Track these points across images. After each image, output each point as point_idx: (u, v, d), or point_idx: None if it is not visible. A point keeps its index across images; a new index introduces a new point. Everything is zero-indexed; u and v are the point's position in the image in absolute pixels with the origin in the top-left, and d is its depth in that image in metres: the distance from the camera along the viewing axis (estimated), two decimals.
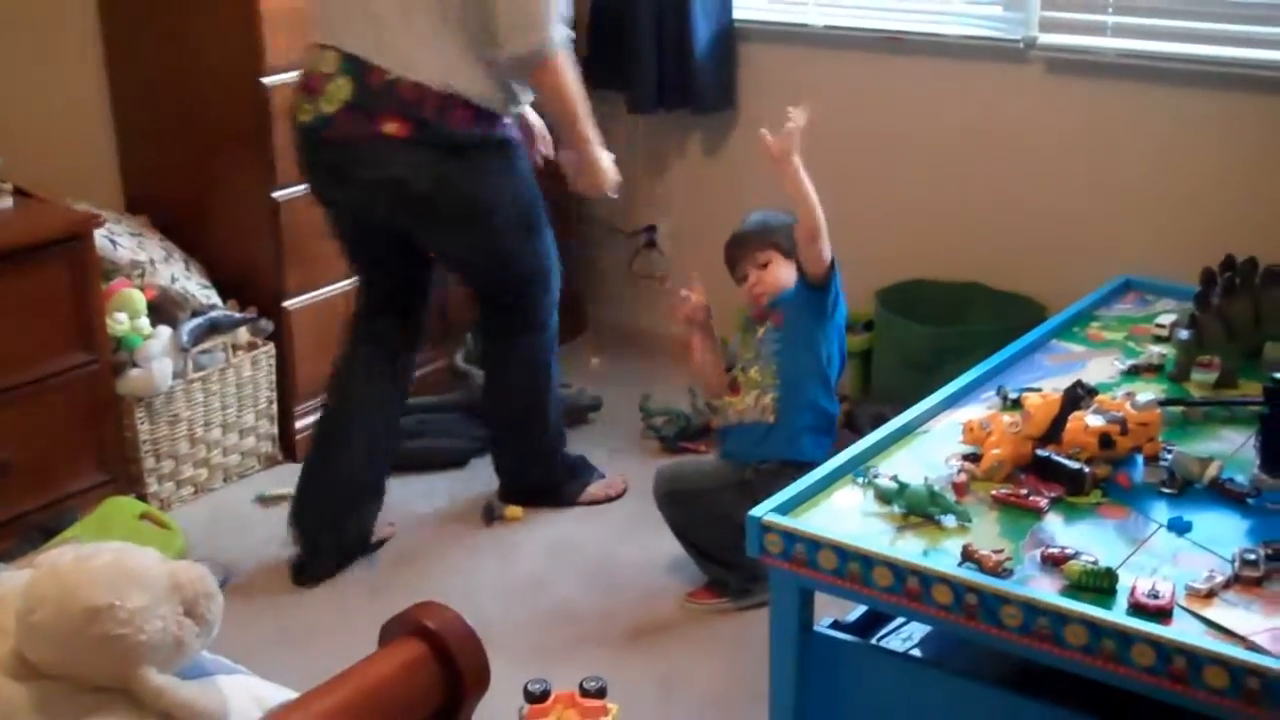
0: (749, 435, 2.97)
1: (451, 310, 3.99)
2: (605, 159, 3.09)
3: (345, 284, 3.70)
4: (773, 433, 2.93)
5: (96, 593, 1.64)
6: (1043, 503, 2.23)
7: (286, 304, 3.59)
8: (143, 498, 3.32)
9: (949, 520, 2.19)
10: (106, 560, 1.69)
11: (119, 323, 3.28)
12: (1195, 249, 3.01)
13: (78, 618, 1.62)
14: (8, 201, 3.19)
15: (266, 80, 3.41)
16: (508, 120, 3.04)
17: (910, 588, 2.06)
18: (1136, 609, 1.94)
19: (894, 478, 2.26)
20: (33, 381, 3.11)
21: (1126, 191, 3.57)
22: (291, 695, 1.71)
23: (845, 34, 3.87)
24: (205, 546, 3.19)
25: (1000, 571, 2.04)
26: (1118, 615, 1.93)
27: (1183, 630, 1.90)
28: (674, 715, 2.70)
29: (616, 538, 3.29)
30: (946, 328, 3.60)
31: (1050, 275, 3.65)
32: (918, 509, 2.20)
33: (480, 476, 3.57)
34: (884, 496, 2.25)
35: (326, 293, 3.67)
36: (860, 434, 2.78)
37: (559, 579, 3.13)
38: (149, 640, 1.64)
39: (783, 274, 3.01)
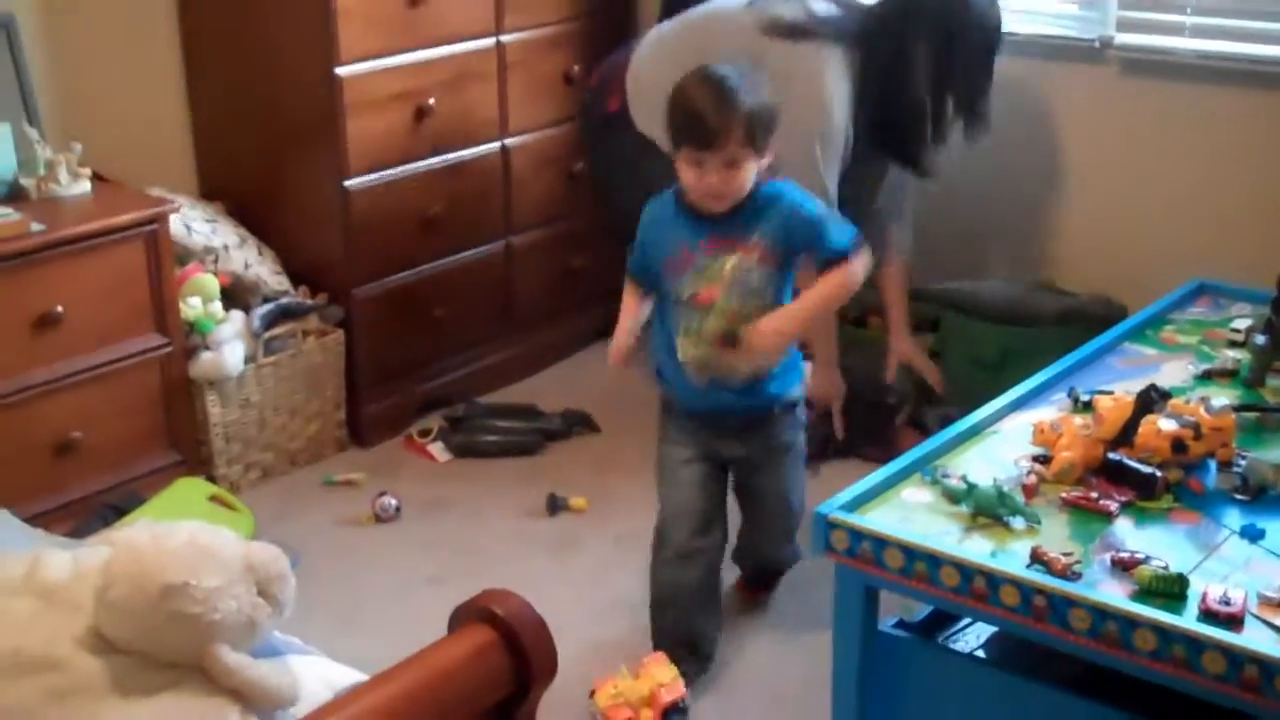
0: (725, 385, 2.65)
1: (521, 302, 4.03)
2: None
3: (412, 272, 3.73)
4: (772, 378, 2.65)
5: (173, 571, 1.66)
6: (1113, 506, 2.21)
7: (355, 292, 3.61)
8: (212, 479, 3.36)
9: (1018, 522, 2.18)
10: (183, 539, 1.71)
11: (192, 307, 3.32)
12: (1272, 253, 2.97)
13: (154, 595, 1.65)
14: (86, 186, 3.24)
15: (340, 71, 3.43)
16: None
17: (977, 588, 2.05)
18: (1207, 615, 1.93)
19: (963, 477, 2.25)
20: (107, 363, 3.15)
21: (1202, 193, 3.53)
22: (361, 678, 1.73)
23: None
24: (273, 530, 3.23)
25: (1069, 574, 2.02)
26: (1188, 621, 1.91)
27: (1254, 638, 1.89)
28: (736, 708, 2.70)
29: None
30: (1015, 328, 3.57)
31: (1123, 277, 3.61)
32: (986, 510, 2.19)
33: (545, 466, 3.59)
34: (952, 496, 2.24)
35: (394, 280, 3.69)
36: (928, 434, 2.76)
37: (622, 570, 3.14)
38: (223, 619, 1.67)
39: (749, 179, 2.55)
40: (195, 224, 3.48)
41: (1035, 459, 2.35)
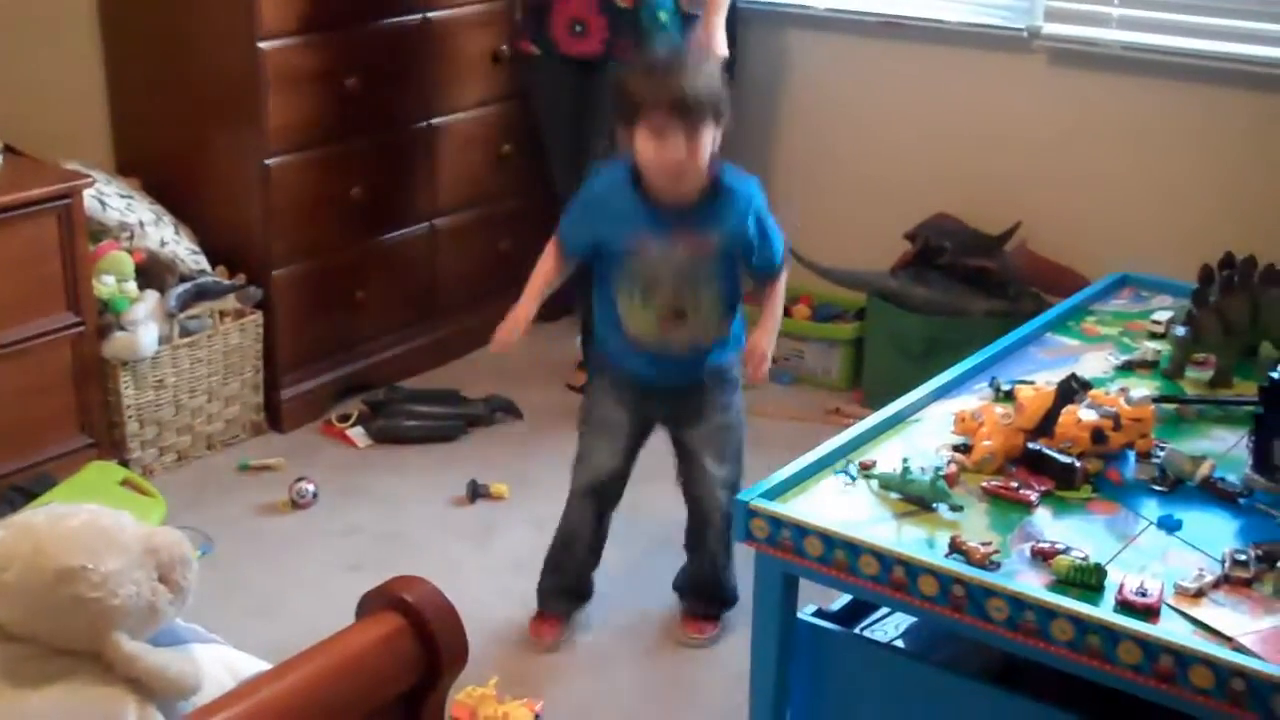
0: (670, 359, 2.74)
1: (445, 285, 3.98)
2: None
3: (334, 253, 3.67)
4: (713, 350, 2.74)
5: (69, 554, 1.61)
6: (1033, 496, 2.20)
7: (275, 272, 3.55)
8: (125, 463, 3.29)
9: (944, 510, 2.16)
10: (81, 521, 1.66)
11: (106, 285, 3.25)
12: (1194, 246, 2.99)
13: (49, 579, 1.59)
14: None
15: (262, 45, 3.37)
16: None
17: (896, 577, 2.04)
18: (1124, 606, 1.93)
19: (904, 461, 2.22)
20: (17, 341, 3.08)
21: (1125, 186, 3.55)
22: (265, 667, 1.68)
23: (847, 17, 3.84)
24: (187, 514, 3.16)
25: (988, 564, 2.01)
26: (1105, 612, 1.91)
27: (1170, 629, 1.89)
28: (652, 696, 2.68)
29: None
30: (939, 318, 3.57)
31: None
32: (918, 497, 2.17)
33: (466, 452, 3.55)
34: (885, 483, 2.22)
35: (316, 261, 3.63)
36: None
37: (541, 558, 3.10)
38: (121, 604, 1.61)
39: (708, 156, 2.60)
40: (110, 199, 3.40)
41: (956, 448, 2.34)
